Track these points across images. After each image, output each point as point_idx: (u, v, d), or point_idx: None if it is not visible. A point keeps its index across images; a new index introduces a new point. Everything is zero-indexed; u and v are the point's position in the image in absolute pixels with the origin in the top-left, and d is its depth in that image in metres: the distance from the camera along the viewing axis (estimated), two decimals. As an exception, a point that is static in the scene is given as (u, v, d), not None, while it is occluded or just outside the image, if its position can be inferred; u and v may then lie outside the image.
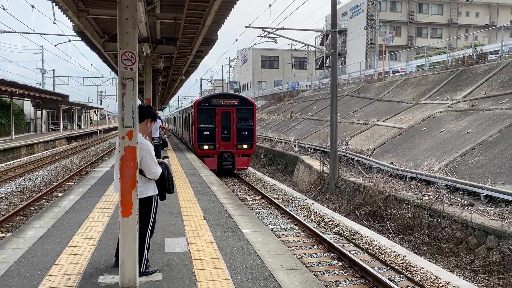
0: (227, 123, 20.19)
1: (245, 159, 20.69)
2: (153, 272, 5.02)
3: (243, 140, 20.32)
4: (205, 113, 20.09)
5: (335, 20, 17.21)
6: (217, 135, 20.03)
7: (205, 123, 20.24)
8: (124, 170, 4.37)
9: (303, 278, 4.95)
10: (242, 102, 20.62)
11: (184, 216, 7.86)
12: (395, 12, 55.25)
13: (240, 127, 20.36)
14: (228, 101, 20.23)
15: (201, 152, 20.18)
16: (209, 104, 20.11)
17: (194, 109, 20.25)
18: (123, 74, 4.35)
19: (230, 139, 20.20)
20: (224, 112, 20.07)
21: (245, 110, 20.51)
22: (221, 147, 20.13)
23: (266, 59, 69.82)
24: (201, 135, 19.99)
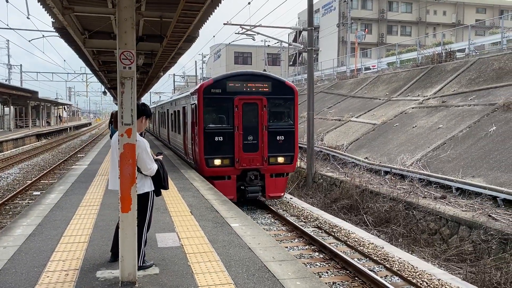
0: (253, 122, 12.73)
1: (281, 181, 13.30)
2: (150, 266, 5.15)
3: (279, 150, 12.94)
4: (216, 105, 12.79)
5: (312, 18, 17.52)
6: (236, 142, 12.51)
7: (216, 122, 12.78)
8: (123, 166, 4.48)
9: (295, 268, 5.19)
10: (276, 87, 13.02)
11: (171, 212, 7.97)
12: (366, 10, 56.32)
13: (274, 128, 12.92)
14: (254, 85, 12.80)
15: (210, 171, 12.54)
16: (223, 90, 12.56)
17: (198, 98, 12.50)
18: (122, 73, 4.46)
19: (257, 148, 12.70)
20: (248, 104, 12.68)
21: (282, 101, 13.25)
22: (243, 161, 12.63)
23: (239, 55, 69.85)
24: (209, 143, 12.44)
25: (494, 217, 9.95)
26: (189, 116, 14.18)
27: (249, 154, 12.69)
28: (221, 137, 12.50)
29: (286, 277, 4.90)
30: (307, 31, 17.85)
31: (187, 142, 14.84)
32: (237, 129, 12.57)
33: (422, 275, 8.50)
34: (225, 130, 12.60)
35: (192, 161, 14.14)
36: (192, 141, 13.65)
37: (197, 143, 12.76)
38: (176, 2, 6.62)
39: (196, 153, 13.10)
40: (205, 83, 12.87)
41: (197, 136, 12.77)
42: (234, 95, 12.54)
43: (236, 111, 12.52)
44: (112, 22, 9.19)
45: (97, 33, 10.28)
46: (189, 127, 14.19)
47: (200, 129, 12.53)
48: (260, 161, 12.79)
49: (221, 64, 74.98)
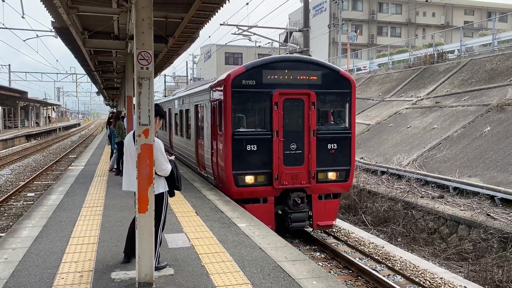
0: (298, 125, 9.83)
1: (332, 205, 10.39)
2: (164, 266, 5.14)
3: (331, 163, 10.06)
4: (249, 103, 9.85)
5: (307, 19, 17.64)
6: (275, 153, 9.61)
7: (248, 126, 9.92)
8: (141, 167, 4.47)
9: (309, 267, 5.22)
10: (328, 78, 10.00)
11: (176, 213, 7.95)
12: (357, 11, 56.71)
13: (325, 133, 9.97)
14: (299, 75, 9.83)
15: (240, 192, 9.65)
16: (258, 81, 9.59)
17: (225, 92, 9.52)
18: (139, 73, 4.44)
19: (302, 160, 9.82)
20: (291, 100, 9.76)
21: (335, 97, 10.29)
22: (285, 179, 9.72)
23: (230, 55, 69.84)
24: (239, 153, 9.57)
25: (493, 216, 10.09)
26: (206, 117, 11.11)
27: (292, 169, 9.69)
28: (255, 146, 9.49)
29: (301, 276, 4.92)
30: (303, 31, 17.95)
31: (202, 151, 11.82)
32: (277, 135, 9.47)
33: (424, 274, 8.60)
34: (261, 136, 9.54)
35: (212, 176, 10.77)
36: (211, 150, 10.52)
37: (222, 153, 9.64)
38: (184, 2, 6.62)
39: (219, 166, 9.91)
40: (234, 72, 9.64)
41: (221, 143, 9.69)
42: (273, 88, 9.51)
43: (276, 110, 9.42)
44: (114, 22, 9.15)
45: (97, 33, 10.22)
46: (206, 131, 11.11)
47: (227, 134, 9.39)
48: (306, 178, 9.79)
49: (212, 64, 74.88)
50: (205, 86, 11.66)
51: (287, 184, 9.73)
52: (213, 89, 10.56)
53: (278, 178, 9.69)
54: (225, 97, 9.46)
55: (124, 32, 9.65)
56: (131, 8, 6.96)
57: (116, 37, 10.51)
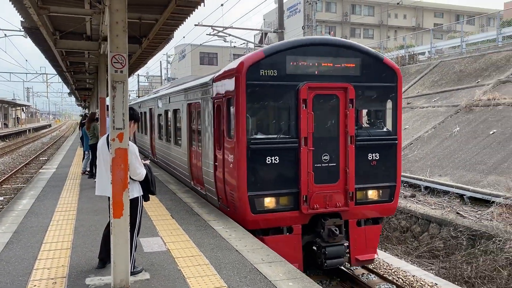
0: (331, 130, 7.79)
1: (373, 232, 8.28)
2: (140, 271, 5.10)
3: (372, 178, 8.00)
4: (268, 100, 7.72)
5: (282, 21, 17.77)
6: (303, 166, 7.47)
7: (267, 130, 7.83)
8: (115, 171, 4.43)
9: (286, 269, 5.27)
10: (368, 67, 7.94)
11: (151, 217, 7.89)
12: (330, 13, 57.37)
13: (364, 139, 7.91)
14: (332, 63, 7.76)
15: (258, 219, 7.42)
16: (280, 72, 7.44)
17: (238, 86, 7.30)
18: (113, 76, 4.40)
19: (337, 175, 7.75)
20: (323, 97, 7.70)
21: (377, 92, 8.18)
22: (316, 200, 7.57)
23: (205, 55, 69.51)
24: (256, 167, 7.38)
25: (462, 214, 10.41)
26: (206, 119, 8.80)
27: (325, 187, 7.49)
28: (277, 158, 7.27)
29: (278, 278, 4.97)
30: (278, 33, 18.05)
31: (198, 161, 9.57)
32: (305, 143, 7.31)
33: (398, 272, 8.81)
34: (284, 144, 7.32)
35: (214, 195, 8.51)
36: (214, 163, 8.26)
37: (232, 167, 7.39)
38: (159, 4, 6.58)
39: (227, 184, 7.71)
40: (249, 58, 7.29)
41: (231, 154, 7.46)
42: (299, 80, 7.35)
43: (304, 110, 7.27)
44: (87, 23, 9.01)
45: (69, 33, 10.03)
46: (206, 137, 8.83)
47: (240, 143, 7.13)
48: (342, 198, 7.61)
49: (186, 64, 74.37)
50: (203, 79, 9.39)
51: (318, 207, 7.46)
52: (216, 82, 8.27)
53: (307, 199, 7.39)
54: (238, 92, 7.15)
55: (97, 33, 9.50)
56: (104, 10, 6.87)
57: (89, 38, 10.33)
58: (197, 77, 11.95)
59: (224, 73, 8.01)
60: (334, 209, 7.60)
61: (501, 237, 8.92)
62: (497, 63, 19.85)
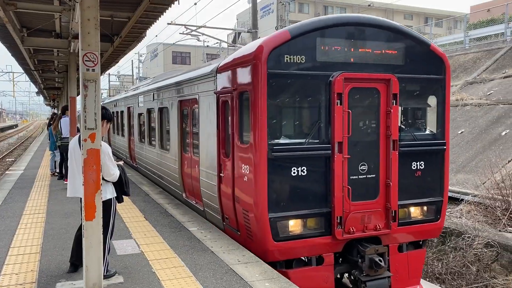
0: (369, 131, 6.30)
1: (417, 258, 6.86)
2: (113, 274, 4.99)
3: (415, 192, 6.57)
4: (293, 94, 6.05)
5: (256, 21, 17.76)
6: (336, 179, 5.92)
7: (292, 134, 6.16)
8: (87, 173, 4.30)
9: (262, 269, 5.25)
10: (412, 56, 6.43)
11: (124, 218, 7.74)
12: (303, 13, 57.85)
13: (408, 145, 6.41)
14: (370, 48, 6.20)
15: (280, 247, 5.76)
16: (308, 58, 5.84)
17: (255, 76, 5.67)
18: (85, 75, 4.27)
19: (377, 189, 6.28)
20: (360, 91, 6.12)
21: (420, 85, 6.66)
22: (352, 222, 6.09)
23: (177, 54, 68.86)
24: (278, 180, 5.77)
25: (432, 212, 10.63)
26: (206, 119, 7.42)
27: (363, 205, 6.15)
28: (304, 168, 5.84)
29: (254, 279, 4.95)
30: (252, 33, 18.04)
31: (194, 171, 8.17)
32: (340, 149, 5.91)
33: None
34: (313, 151, 5.89)
35: (217, 214, 7.13)
36: (220, 173, 6.81)
37: (247, 180, 5.90)
38: (131, 2, 6.46)
39: (238, 202, 6.22)
40: (270, 40, 5.75)
41: (245, 164, 5.98)
42: (332, 70, 5.93)
43: (338, 107, 5.84)
44: (56, 20, 8.76)
45: (37, 31, 9.72)
46: (205, 141, 7.46)
47: (259, 149, 5.65)
48: (383, 218, 6.26)
49: (158, 64, 73.56)
50: (202, 70, 7.88)
51: (354, 231, 6.04)
52: (222, 73, 6.71)
53: (342, 221, 5.95)
54: (256, 85, 5.61)
55: (66, 31, 9.24)
56: (74, 7, 6.69)
57: (58, 36, 10.03)
58: (189, 69, 9.86)
59: (234, 60, 6.38)
60: (374, 232, 6.17)
61: (470, 233, 9.17)
62: (465, 64, 20.44)
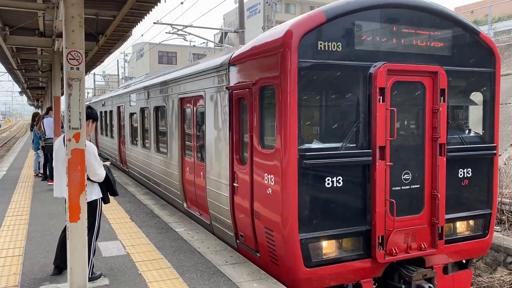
0: (412, 134, 5.48)
1: (464, 280, 6.00)
2: (98, 276, 4.91)
3: (461, 203, 5.75)
4: (328, 89, 5.14)
5: (243, 20, 17.74)
6: (378, 189, 5.02)
7: (325, 136, 5.15)
8: (71, 174, 4.22)
9: (250, 270, 5.22)
10: (460, 46, 5.57)
11: (110, 220, 7.63)
12: (290, 14, 57.95)
13: (455, 148, 5.57)
14: (415, 36, 5.31)
15: (313, 274, 4.85)
16: (345, 46, 4.93)
17: (284, 66, 4.67)
18: (69, 74, 4.19)
19: (421, 202, 5.41)
20: (404, 86, 5.27)
21: (468, 79, 5.82)
22: (393, 241, 5.14)
23: (163, 54, 68.42)
24: (310, 193, 4.86)
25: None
26: (215, 119, 6.52)
27: (406, 221, 5.27)
28: (340, 178, 4.98)
29: (242, 279, 4.91)
30: (238, 33, 18.00)
31: (200, 179, 7.25)
32: (382, 155, 5.06)
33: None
34: (351, 157, 5.02)
35: (229, 230, 6.21)
36: (233, 183, 5.93)
37: (272, 193, 5.01)
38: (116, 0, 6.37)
39: (259, 219, 5.32)
40: (301, 23, 4.86)
41: (269, 174, 5.07)
42: (372, 60, 5.09)
43: (381, 104, 5.00)
44: (39, 18, 8.61)
45: (20, 29, 9.54)
46: (216, 146, 6.50)
47: (288, 155, 4.76)
48: (428, 236, 5.41)
49: (144, 64, 73.06)
50: (210, 63, 6.82)
51: (397, 252, 5.14)
52: (238, 65, 5.79)
53: (383, 241, 5.06)
54: (285, 77, 4.68)
55: (50, 29, 9.09)
56: (58, 5, 6.59)
57: (42, 34, 9.86)
58: (193, 63, 9.05)
59: (254, 49, 5.42)
60: (419, 253, 5.27)
61: None
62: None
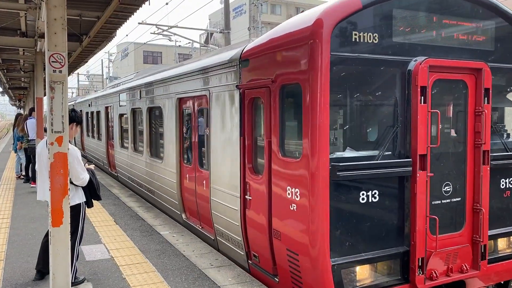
0: (453, 139, 4.82)
1: None
2: (82, 281, 4.86)
3: (503, 217, 5.12)
4: (362, 87, 4.41)
5: (228, 21, 17.73)
6: (418, 205, 4.33)
7: (359, 143, 4.51)
8: (54, 178, 4.16)
9: (235, 273, 5.21)
10: (503, 39, 4.91)
11: (93, 222, 7.55)
12: (275, 15, 58.10)
13: (498, 155, 4.98)
14: (456, 29, 4.65)
15: None
16: (382, 37, 4.25)
17: (313, 59, 3.97)
18: (51, 76, 4.13)
19: (462, 217, 4.74)
20: (443, 83, 4.57)
21: (507, 77, 5.19)
22: (434, 263, 4.49)
23: (149, 54, 67.97)
24: (343, 211, 4.16)
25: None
26: (221, 121, 5.87)
27: (446, 239, 4.65)
28: (375, 192, 4.33)
29: (227, 283, 4.91)
30: (224, 33, 17.99)
31: (203, 188, 6.61)
32: (422, 165, 4.40)
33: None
34: (388, 168, 4.33)
35: (239, 248, 5.54)
36: (249, 196, 5.20)
37: (298, 210, 4.29)
38: (100, 1, 6.31)
39: (280, 238, 4.60)
40: (332, 9, 4.11)
41: (294, 187, 4.34)
42: (409, 54, 4.47)
43: (421, 106, 4.34)
44: (21, 18, 8.48)
45: (1, 29, 9.37)
46: (223, 152, 5.85)
47: (318, 166, 4.04)
48: (469, 255, 4.80)
49: (129, 63, 72.48)
50: (216, 58, 6.20)
51: (437, 275, 4.53)
52: (252, 59, 5.06)
53: (423, 264, 4.42)
54: (315, 73, 4.00)
55: (33, 29, 8.96)
56: (40, 5, 6.49)
57: (24, 34, 9.71)
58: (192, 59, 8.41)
59: (273, 41, 4.67)
60: (460, 276, 4.67)
61: None
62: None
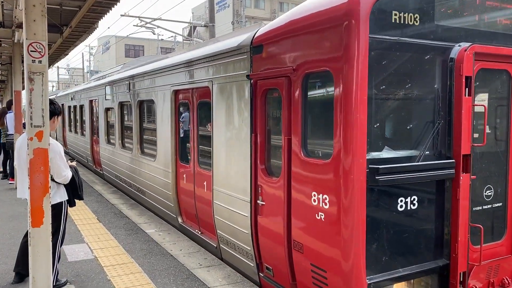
0: (495, 137, 4.27)
1: None
2: (64, 284, 4.63)
3: None
4: (402, 76, 3.68)
5: (213, 15, 17.46)
6: (461, 213, 3.82)
7: (398, 141, 3.82)
8: (33, 175, 3.91)
9: (225, 273, 5.03)
10: None
11: (76, 221, 7.28)
12: (259, 9, 57.87)
13: None
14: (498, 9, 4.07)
15: None
16: (424, 19, 3.59)
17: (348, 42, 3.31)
18: (30, 67, 3.87)
19: (503, 224, 4.25)
20: (487, 73, 4.03)
21: None
22: (474, 277, 3.96)
23: (130, 47, 67.01)
24: (380, 221, 3.60)
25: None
26: (227, 116, 5.28)
27: (488, 250, 4.12)
28: (415, 198, 3.77)
29: (217, 283, 4.73)
30: (208, 27, 17.71)
31: (203, 190, 6.06)
32: (465, 167, 3.84)
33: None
34: (428, 171, 3.72)
35: (249, 259, 4.93)
36: (261, 202, 4.55)
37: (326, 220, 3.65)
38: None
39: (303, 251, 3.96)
40: None
41: (320, 193, 3.69)
42: (452, 39, 3.86)
43: (466, 99, 3.76)
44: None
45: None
46: (228, 151, 5.29)
47: (354, 169, 3.39)
48: (509, 267, 4.34)
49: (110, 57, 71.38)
50: (221, 44, 5.57)
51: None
52: (265, 44, 4.49)
53: (464, 279, 3.92)
54: (350, 59, 3.39)
55: (10, 19, 8.58)
56: (18, -8, 6.18)
57: (1, 24, 9.31)
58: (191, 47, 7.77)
59: (294, 23, 4.09)
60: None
61: None
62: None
